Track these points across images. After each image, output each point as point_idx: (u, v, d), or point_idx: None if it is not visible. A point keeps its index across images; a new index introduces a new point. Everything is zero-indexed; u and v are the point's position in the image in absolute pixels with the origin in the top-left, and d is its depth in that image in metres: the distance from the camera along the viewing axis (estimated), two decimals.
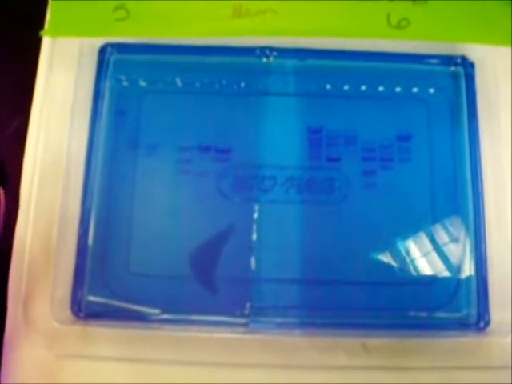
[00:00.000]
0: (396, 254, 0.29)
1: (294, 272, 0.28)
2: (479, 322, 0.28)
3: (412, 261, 0.29)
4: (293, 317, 0.28)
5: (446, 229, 0.29)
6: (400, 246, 0.29)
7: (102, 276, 0.28)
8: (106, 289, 0.28)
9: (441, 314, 0.28)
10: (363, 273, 0.28)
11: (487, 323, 0.28)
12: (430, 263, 0.29)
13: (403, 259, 0.29)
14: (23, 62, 0.31)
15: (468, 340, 0.28)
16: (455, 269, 0.29)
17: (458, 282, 0.28)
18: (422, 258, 0.29)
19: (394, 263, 0.28)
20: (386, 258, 0.29)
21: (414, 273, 0.28)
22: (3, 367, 0.27)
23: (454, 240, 0.29)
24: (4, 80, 0.31)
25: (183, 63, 0.30)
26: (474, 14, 0.29)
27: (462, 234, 0.29)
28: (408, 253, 0.29)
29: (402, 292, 0.28)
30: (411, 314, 0.28)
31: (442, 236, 0.29)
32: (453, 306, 0.28)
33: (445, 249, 0.29)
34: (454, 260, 0.29)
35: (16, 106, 0.30)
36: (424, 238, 0.29)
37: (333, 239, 0.29)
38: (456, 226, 0.29)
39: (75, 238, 0.28)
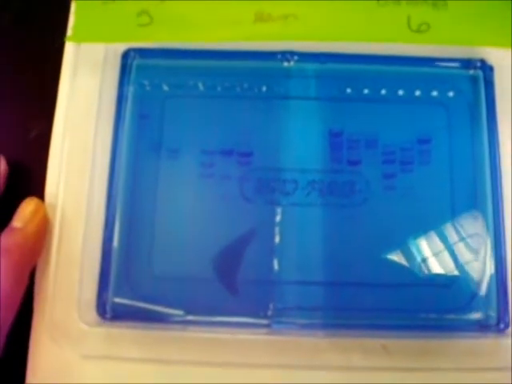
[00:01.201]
0: (416, 256, 0.29)
1: (315, 274, 0.29)
2: (499, 323, 0.28)
3: (432, 262, 0.29)
4: (315, 318, 0.28)
5: (465, 231, 0.29)
6: (420, 248, 0.29)
7: (127, 278, 0.29)
8: (131, 291, 0.28)
9: (461, 316, 0.28)
10: (384, 275, 0.29)
11: (507, 325, 0.28)
12: (450, 265, 0.29)
13: (423, 261, 0.29)
14: (44, 67, 0.31)
15: (488, 341, 0.28)
16: (475, 270, 0.29)
17: (478, 283, 0.29)
18: (442, 259, 0.29)
19: (414, 265, 0.29)
20: (406, 259, 0.29)
21: (434, 274, 0.29)
22: (29, 368, 0.28)
23: (474, 242, 0.29)
24: (26, 85, 0.32)
25: (205, 68, 0.31)
26: (493, 18, 0.30)
27: (481, 236, 0.29)
28: (428, 255, 0.29)
29: (422, 294, 0.29)
30: (431, 315, 0.28)
31: (461, 238, 0.29)
32: (472, 308, 0.28)
33: (464, 250, 0.29)
34: (473, 261, 0.29)
35: (39, 111, 0.31)
36: (444, 240, 0.29)
37: (354, 241, 0.29)
38: (476, 228, 0.29)
39: (100, 241, 0.29)
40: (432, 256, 0.29)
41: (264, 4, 0.29)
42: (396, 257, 0.29)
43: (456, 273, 0.29)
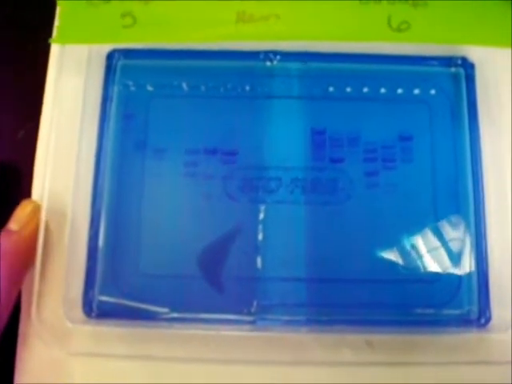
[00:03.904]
0: (399, 253, 0.29)
1: (299, 270, 0.29)
2: (480, 318, 0.29)
3: (414, 259, 0.29)
4: (299, 314, 0.29)
5: (447, 227, 0.29)
6: (402, 244, 0.29)
7: (113, 276, 0.29)
8: (117, 289, 0.29)
9: (443, 311, 0.29)
10: (367, 271, 0.29)
11: (488, 319, 0.28)
12: (433, 261, 0.29)
13: (406, 257, 0.29)
14: (32, 68, 0.31)
15: (470, 336, 0.28)
16: (457, 266, 0.29)
17: (460, 279, 0.29)
18: (424, 256, 0.29)
19: (396, 261, 0.29)
20: (389, 256, 0.29)
21: (417, 271, 0.29)
22: (17, 366, 0.28)
23: (456, 238, 0.29)
24: (13, 86, 0.32)
25: (189, 68, 0.31)
26: (474, 16, 0.30)
27: (463, 233, 0.29)
28: (410, 251, 0.29)
29: (405, 289, 0.29)
30: (414, 310, 0.29)
31: (443, 234, 0.29)
32: (455, 303, 0.29)
33: (446, 247, 0.29)
34: (455, 258, 0.29)
35: (26, 112, 0.31)
36: (426, 237, 0.29)
37: (337, 238, 0.29)
38: (457, 224, 0.29)
39: (86, 239, 0.29)
40: (414, 252, 0.29)
41: (246, 4, 0.29)
42: (379, 253, 0.29)
43: (438, 269, 0.29)
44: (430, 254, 0.29)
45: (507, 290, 0.28)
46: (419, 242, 0.29)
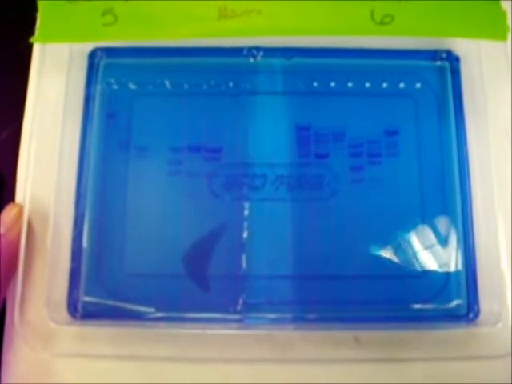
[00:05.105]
0: (386, 248, 0.29)
1: (285, 268, 0.29)
2: (469, 313, 0.28)
3: (402, 254, 0.29)
4: (285, 312, 0.28)
5: (434, 222, 0.29)
6: (389, 239, 0.29)
7: (97, 276, 0.29)
8: (102, 289, 0.29)
9: (431, 306, 0.29)
10: (354, 267, 0.29)
11: (477, 314, 0.28)
12: (420, 256, 0.29)
13: (393, 253, 0.29)
14: (15, 68, 0.31)
15: (458, 331, 0.28)
16: (445, 262, 0.29)
17: (448, 274, 0.29)
18: (411, 251, 0.29)
19: (384, 257, 0.29)
20: (376, 252, 0.29)
21: (405, 266, 0.29)
22: (3, 369, 0.28)
23: (443, 233, 0.29)
24: None
25: (171, 65, 0.31)
26: (457, 8, 0.30)
27: (450, 227, 0.29)
28: (398, 246, 0.29)
29: (393, 285, 0.29)
30: (402, 306, 0.29)
31: (431, 229, 0.29)
32: (443, 298, 0.29)
33: (434, 242, 0.29)
34: (443, 253, 0.29)
35: (9, 112, 0.31)
36: (413, 232, 0.29)
37: (323, 235, 0.29)
38: (444, 219, 0.29)
39: (70, 240, 0.29)
40: (402, 248, 0.29)
41: (227, 0, 0.29)
42: (365, 249, 0.29)
43: (426, 264, 0.29)
44: (418, 249, 0.29)
45: (495, 284, 0.28)
46: (406, 237, 0.29)
